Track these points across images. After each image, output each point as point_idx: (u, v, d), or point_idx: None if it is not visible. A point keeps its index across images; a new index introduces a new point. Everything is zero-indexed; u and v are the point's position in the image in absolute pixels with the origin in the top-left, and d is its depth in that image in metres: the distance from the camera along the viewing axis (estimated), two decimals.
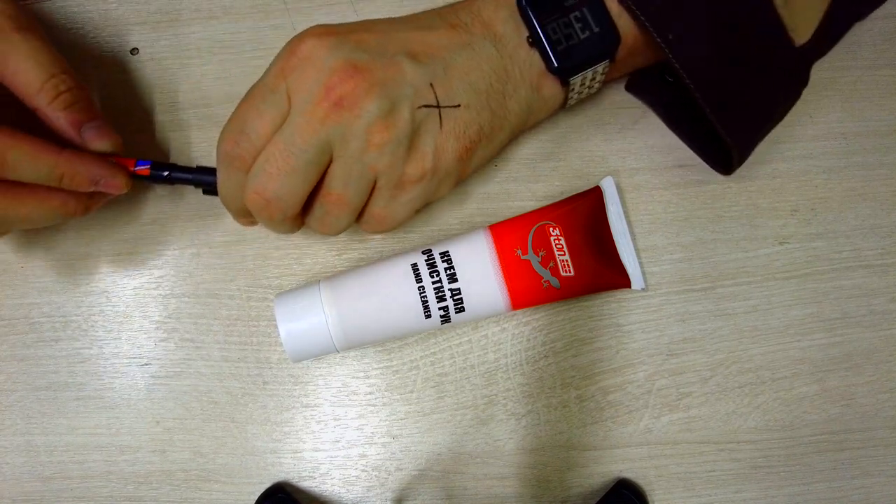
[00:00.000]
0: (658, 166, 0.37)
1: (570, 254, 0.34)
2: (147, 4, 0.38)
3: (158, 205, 0.37)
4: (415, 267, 0.33)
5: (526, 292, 0.33)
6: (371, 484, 0.36)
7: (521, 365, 0.36)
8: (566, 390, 0.36)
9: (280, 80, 0.28)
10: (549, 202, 0.36)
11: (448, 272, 0.33)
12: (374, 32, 0.29)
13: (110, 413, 0.36)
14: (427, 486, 0.36)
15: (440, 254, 0.33)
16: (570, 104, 0.34)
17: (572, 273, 0.34)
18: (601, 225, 0.35)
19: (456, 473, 0.36)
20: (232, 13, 0.38)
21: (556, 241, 0.34)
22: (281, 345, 0.35)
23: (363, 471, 0.36)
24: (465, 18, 0.31)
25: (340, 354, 0.37)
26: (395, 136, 0.28)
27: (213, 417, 0.36)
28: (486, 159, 0.33)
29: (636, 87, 0.37)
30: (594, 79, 0.32)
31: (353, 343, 0.33)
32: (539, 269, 0.33)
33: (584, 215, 0.35)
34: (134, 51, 0.37)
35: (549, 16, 0.30)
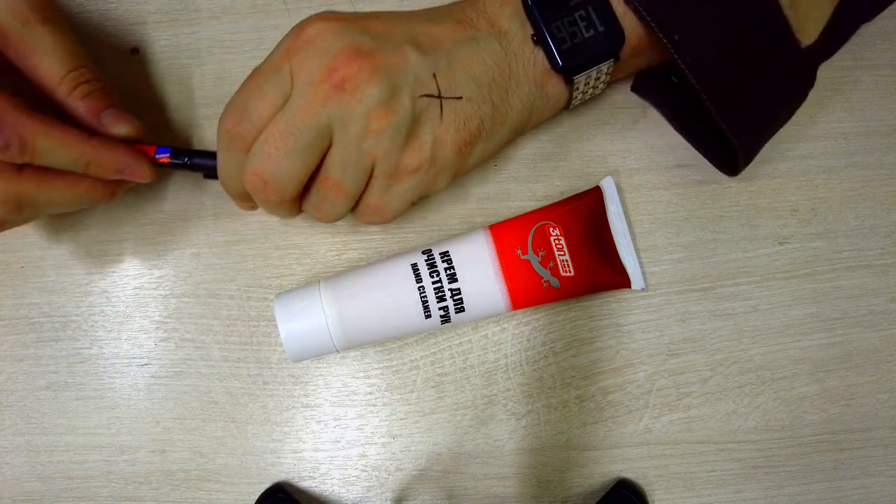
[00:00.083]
0: (658, 166, 0.37)
1: (570, 254, 0.34)
2: (147, 4, 0.38)
3: (158, 205, 0.37)
4: (415, 267, 0.33)
5: (526, 292, 0.33)
6: (371, 484, 0.36)
7: (521, 365, 0.36)
8: (566, 390, 0.36)
9: (284, 61, 0.28)
10: (549, 202, 0.36)
11: (448, 272, 0.33)
12: (380, 21, 0.29)
13: (110, 413, 0.36)
14: (427, 486, 0.36)
15: (440, 254, 0.33)
16: (575, 105, 0.34)
17: (572, 273, 0.34)
18: (601, 225, 0.35)
19: (456, 473, 0.36)
20: (232, 13, 0.38)
21: (556, 241, 0.34)
22: (281, 345, 0.35)
23: (363, 471, 0.36)
24: (471, 14, 0.31)
25: (340, 354, 0.37)
26: (394, 122, 0.28)
27: (213, 417, 0.36)
28: (486, 155, 0.33)
29: (642, 88, 0.37)
30: (598, 79, 0.32)
31: (353, 343, 0.33)
32: (539, 269, 0.33)
33: (584, 215, 0.35)
34: (134, 51, 0.37)
35: (554, 14, 0.30)
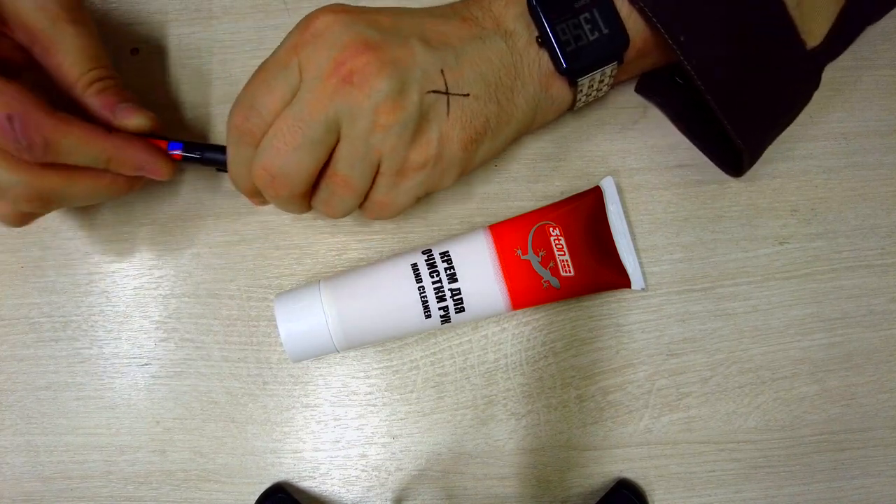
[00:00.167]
0: (658, 166, 0.37)
1: (570, 254, 0.34)
2: (147, 4, 0.38)
3: (158, 205, 0.37)
4: (415, 267, 0.33)
5: (526, 292, 0.33)
6: (371, 484, 0.36)
7: (521, 365, 0.36)
8: (566, 390, 0.36)
9: (292, 54, 0.28)
10: (549, 202, 0.36)
11: (448, 272, 0.33)
12: (388, 15, 0.29)
13: (110, 413, 0.36)
14: (427, 486, 0.36)
15: (440, 254, 0.33)
16: (579, 106, 0.34)
17: (572, 273, 0.34)
18: (601, 225, 0.35)
19: (456, 473, 0.36)
20: (232, 13, 0.38)
21: (556, 241, 0.34)
22: (281, 345, 0.35)
23: (363, 471, 0.36)
24: (477, 13, 0.31)
25: (340, 354, 0.37)
26: (401, 118, 0.28)
27: (213, 417, 0.36)
28: (492, 154, 0.33)
29: (646, 89, 0.37)
30: (602, 81, 0.32)
31: (353, 343, 0.33)
32: (539, 269, 0.33)
33: (584, 215, 0.35)
34: (134, 51, 0.37)
35: (558, 16, 0.30)
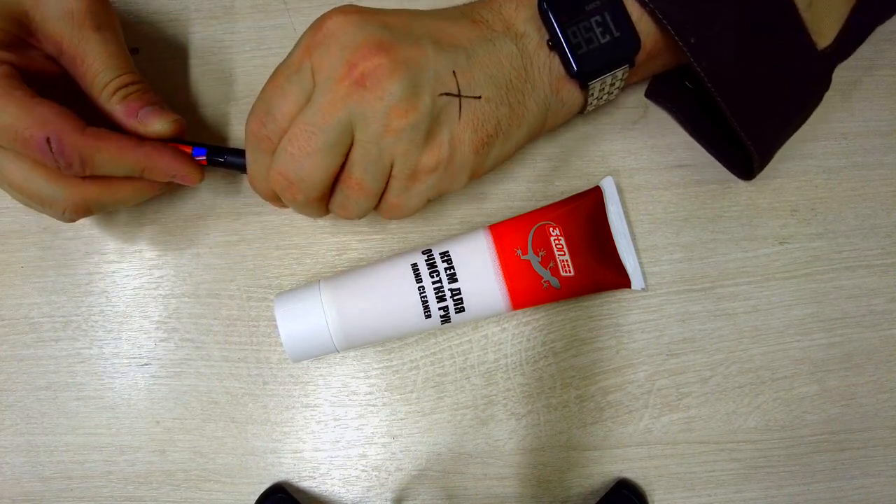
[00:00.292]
0: (658, 166, 0.37)
1: (570, 254, 0.34)
2: (147, 4, 0.38)
3: (158, 205, 0.37)
4: (415, 267, 0.33)
5: (526, 292, 0.33)
6: (371, 484, 0.36)
7: (521, 365, 0.36)
8: (566, 390, 0.36)
9: (305, 57, 0.28)
10: (549, 202, 0.36)
11: (448, 272, 0.33)
12: (398, 16, 0.29)
13: (110, 413, 0.36)
14: (427, 486, 0.36)
15: (440, 254, 0.33)
16: (589, 110, 0.34)
17: (572, 273, 0.34)
18: (601, 225, 0.35)
19: (456, 473, 0.36)
20: (232, 13, 0.38)
21: (556, 241, 0.34)
22: (281, 345, 0.35)
23: (363, 471, 0.36)
24: (487, 15, 0.31)
25: (340, 354, 0.37)
26: (414, 121, 0.28)
27: (213, 417, 0.36)
28: (503, 158, 0.33)
29: (656, 94, 0.36)
30: (613, 84, 0.32)
31: (354, 343, 0.33)
32: (539, 269, 0.33)
33: (584, 215, 0.35)
34: (134, 51, 0.37)
35: (569, 19, 0.30)
